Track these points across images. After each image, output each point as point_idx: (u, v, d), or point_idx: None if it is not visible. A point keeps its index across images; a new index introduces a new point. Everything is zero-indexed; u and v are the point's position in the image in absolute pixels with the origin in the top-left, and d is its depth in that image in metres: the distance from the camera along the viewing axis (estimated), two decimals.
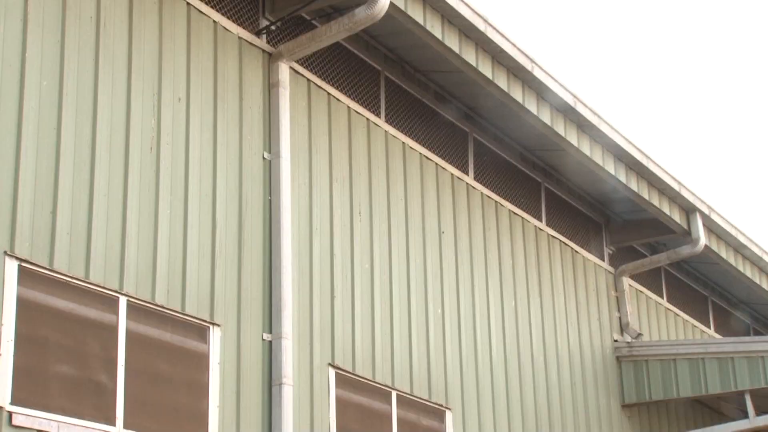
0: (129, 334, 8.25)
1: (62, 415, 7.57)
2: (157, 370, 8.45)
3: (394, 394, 10.75)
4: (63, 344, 7.76)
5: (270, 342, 9.44)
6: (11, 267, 7.52)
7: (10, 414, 7.25)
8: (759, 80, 47.65)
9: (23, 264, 7.60)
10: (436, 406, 11.29)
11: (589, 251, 14.94)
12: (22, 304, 7.55)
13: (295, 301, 9.79)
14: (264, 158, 9.90)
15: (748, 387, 13.36)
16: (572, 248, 14.50)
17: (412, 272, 11.45)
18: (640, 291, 15.94)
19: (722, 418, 15.47)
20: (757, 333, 18.98)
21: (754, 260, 16.49)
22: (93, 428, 7.76)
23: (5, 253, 7.48)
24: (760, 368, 13.33)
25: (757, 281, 16.77)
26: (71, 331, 7.84)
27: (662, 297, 16.63)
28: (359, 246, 10.83)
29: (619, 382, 14.56)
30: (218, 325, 9.03)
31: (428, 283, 11.66)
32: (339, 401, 10.06)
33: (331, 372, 10.05)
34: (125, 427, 8.01)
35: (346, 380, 10.22)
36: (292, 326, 9.61)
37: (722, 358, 13.71)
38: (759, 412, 13.39)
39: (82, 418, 7.71)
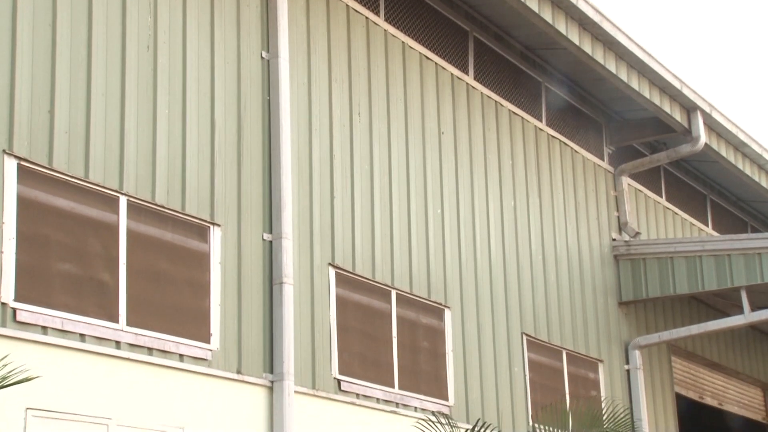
0: (130, 233, 8.31)
1: (66, 312, 7.67)
2: (159, 269, 8.53)
3: (393, 293, 10.86)
4: (64, 243, 7.82)
5: (270, 242, 9.51)
6: (10, 166, 7.53)
7: (14, 310, 7.35)
8: None
9: (22, 163, 7.61)
10: (436, 305, 11.42)
11: (589, 151, 14.92)
12: (23, 202, 7.58)
13: (295, 201, 9.83)
14: (262, 58, 9.81)
15: (744, 283, 13.50)
16: (572, 148, 14.48)
17: (411, 172, 11.46)
18: (639, 190, 15.98)
19: (718, 314, 15.65)
20: (755, 230, 19.09)
21: (753, 158, 16.49)
22: (97, 325, 7.87)
23: (4, 151, 7.49)
24: (757, 265, 13.44)
25: (757, 179, 16.79)
26: (72, 230, 7.89)
27: (661, 196, 16.67)
28: (359, 146, 10.81)
29: (617, 281, 14.70)
30: (219, 225, 9.07)
31: (428, 183, 11.67)
32: (339, 300, 10.17)
33: (331, 271, 10.14)
34: (128, 324, 8.12)
35: (346, 279, 10.32)
36: (292, 226, 9.66)
37: (719, 256, 13.82)
38: (754, 307, 13.55)
39: (85, 315, 7.81)
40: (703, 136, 14.73)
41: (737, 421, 18.45)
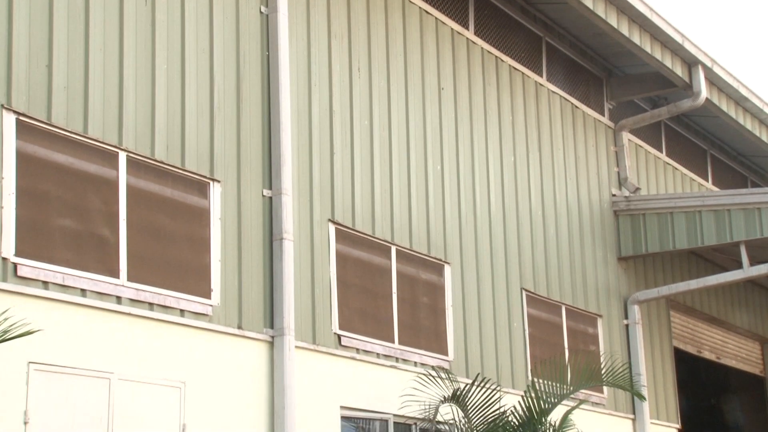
0: (129, 189, 8.31)
1: (66, 267, 7.70)
2: (159, 225, 8.54)
3: (393, 249, 10.89)
4: (64, 198, 7.82)
5: (270, 198, 9.51)
6: (9, 120, 7.52)
7: (15, 265, 7.37)
8: None
9: (21, 118, 7.60)
10: (435, 261, 11.45)
11: (590, 106, 14.88)
12: (22, 157, 7.58)
13: (295, 157, 9.82)
14: (261, 12, 9.75)
15: (744, 238, 13.52)
16: (572, 103, 14.44)
17: (411, 128, 11.43)
18: (640, 146, 15.96)
19: (717, 269, 15.70)
20: (755, 185, 19.09)
21: (754, 113, 16.45)
22: (98, 280, 7.90)
23: (2, 106, 7.47)
24: (756, 219, 13.45)
25: (757, 134, 16.77)
26: (72, 186, 7.90)
27: (661, 151, 16.65)
28: (358, 102, 10.78)
29: (616, 236, 14.73)
30: (218, 181, 9.07)
31: (427, 139, 11.65)
32: (339, 256, 10.20)
33: (331, 227, 10.16)
34: (129, 279, 8.15)
35: (345, 235, 10.34)
36: (292, 182, 9.66)
37: (718, 211, 13.82)
38: (753, 262, 13.58)
39: (86, 270, 7.84)
40: (704, 91, 14.68)
41: (735, 374, 18.59)
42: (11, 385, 7.17)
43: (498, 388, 10.19)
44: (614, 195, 14.87)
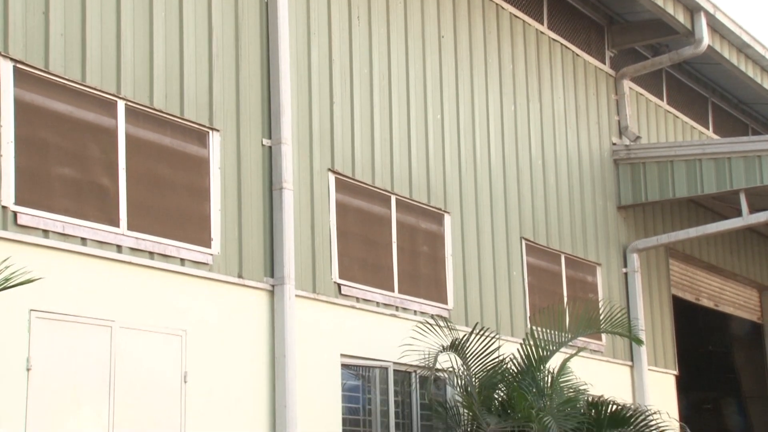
0: (128, 137, 8.29)
1: (67, 216, 7.70)
2: (159, 174, 8.53)
3: (393, 198, 10.89)
4: (63, 147, 7.80)
5: (270, 147, 9.49)
6: (6, 68, 7.48)
7: (15, 214, 7.38)
8: None
9: (18, 65, 7.55)
10: (435, 210, 11.46)
11: (590, 54, 14.78)
12: (20, 105, 7.55)
13: (294, 106, 9.78)
14: None
15: (744, 186, 13.50)
16: (573, 51, 14.34)
17: (411, 77, 11.37)
18: (641, 94, 15.88)
19: (717, 217, 15.70)
20: (756, 133, 19.04)
21: (756, 59, 16.34)
22: (98, 229, 7.91)
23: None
24: (756, 167, 13.43)
25: (759, 81, 16.67)
26: (71, 134, 7.87)
27: (662, 99, 16.58)
28: (358, 50, 10.71)
29: (616, 185, 14.72)
30: (217, 130, 9.05)
31: (427, 88, 11.60)
32: (339, 205, 10.20)
33: (331, 177, 10.14)
34: (129, 228, 8.16)
35: (345, 185, 10.33)
36: (292, 132, 9.63)
37: (719, 159, 13.79)
38: (753, 210, 13.58)
39: (86, 219, 7.84)
40: (705, 38, 14.57)
41: (733, 321, 18.70)
42: (14, 332, 7.21)
43: (497, 337, 10.25)
44: (614, 144, 14.83)
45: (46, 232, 7.54)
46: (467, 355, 10.08)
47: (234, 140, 9.19)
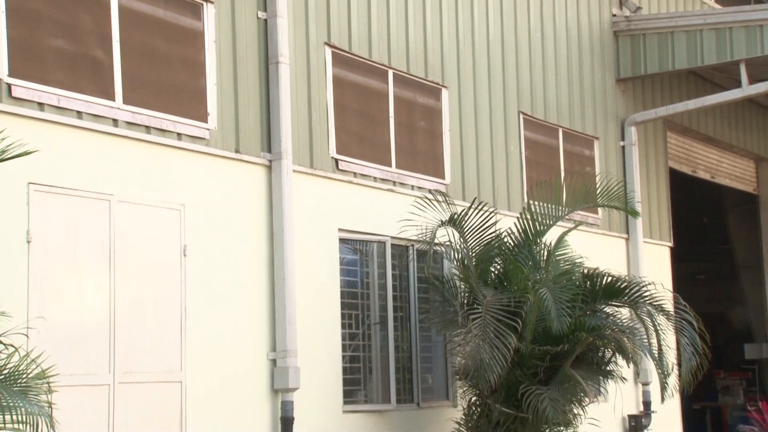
0: (121, 8, 8.14)
1: (61, 89, 7.63)
2: (153, 47, 8.42)
3: (390, 72, 10.78)
4: (56, 18, 7.67)
5: (265, 20, 9.35)
6: None
7: (9, 86, 7.30)
8: None
9: None
10: (433, 85, 11.36)
11: None
12: None
13: None
14: None
15: (744, 56, 13.34)
16: None
17: None
18: None
19: (716, 88, 15.58)
20: (759, 2, 18.71)
21: None
22: (93, 102, 7.85)
23: None
24: (757, 36, 13.25)
25: None
26: (63, 5, 7.73)
27: None
28: None
29: (616, 57, 14.56)
30: (212, 2, 8.89)
31: None
32: (336, 80, 10.12)
33: (328, 51, 10.03)
34: (125, 102, 8.10)
35: (342, 59, 10.22)
36: (287, 4, 9.47)
37: (720, 29, 13.60)
38: (752, 80, 13.47)
39: (81, 92, 7.77)
40: None
41: (728, 192, 18.78)
42: (12, 205, 7.23)
43: (494, 211, 10.30)
44: (614, 15, 14.62)
45: (41, 105, 7.48)
46: (465, 230, 10.14)
47: (229, 13, 9.04)
